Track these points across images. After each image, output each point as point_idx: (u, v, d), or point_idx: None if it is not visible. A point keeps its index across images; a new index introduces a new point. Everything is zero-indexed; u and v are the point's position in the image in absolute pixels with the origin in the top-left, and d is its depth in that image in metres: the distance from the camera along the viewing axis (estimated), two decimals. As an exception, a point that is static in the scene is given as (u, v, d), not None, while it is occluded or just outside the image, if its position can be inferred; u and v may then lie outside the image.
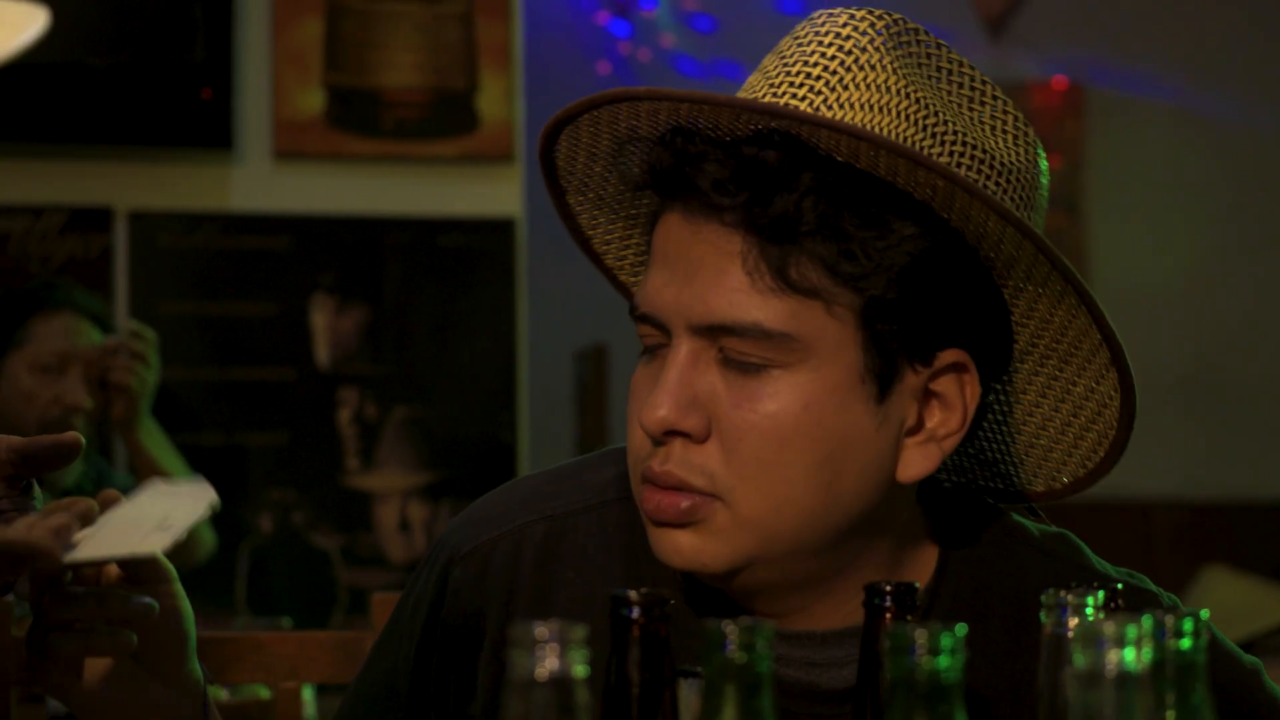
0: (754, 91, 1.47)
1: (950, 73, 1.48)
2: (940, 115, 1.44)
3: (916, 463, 1.45)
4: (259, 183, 4.41)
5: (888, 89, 1.43)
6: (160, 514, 1.38)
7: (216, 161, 4.38)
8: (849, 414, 1.42)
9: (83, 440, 1.41)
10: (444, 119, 4.49)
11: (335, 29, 4.44)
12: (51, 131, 4.22)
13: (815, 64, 1.44)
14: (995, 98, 1.49)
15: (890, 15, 1.48)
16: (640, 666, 1.14)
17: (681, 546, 1.43)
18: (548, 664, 0.94)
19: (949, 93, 1.47)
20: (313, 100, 4.42)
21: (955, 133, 1.44)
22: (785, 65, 1.46)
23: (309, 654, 2.15)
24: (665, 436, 1.42)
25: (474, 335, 4.49)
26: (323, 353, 4.42)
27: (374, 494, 4.42)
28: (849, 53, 1.44)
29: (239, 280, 4.39)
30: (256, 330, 4.38)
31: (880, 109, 1.42)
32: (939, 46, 1.49)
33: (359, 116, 4.46)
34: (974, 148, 1.45)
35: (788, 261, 1.39)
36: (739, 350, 1.41)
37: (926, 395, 1.45)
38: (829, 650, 1.47)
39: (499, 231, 4.51)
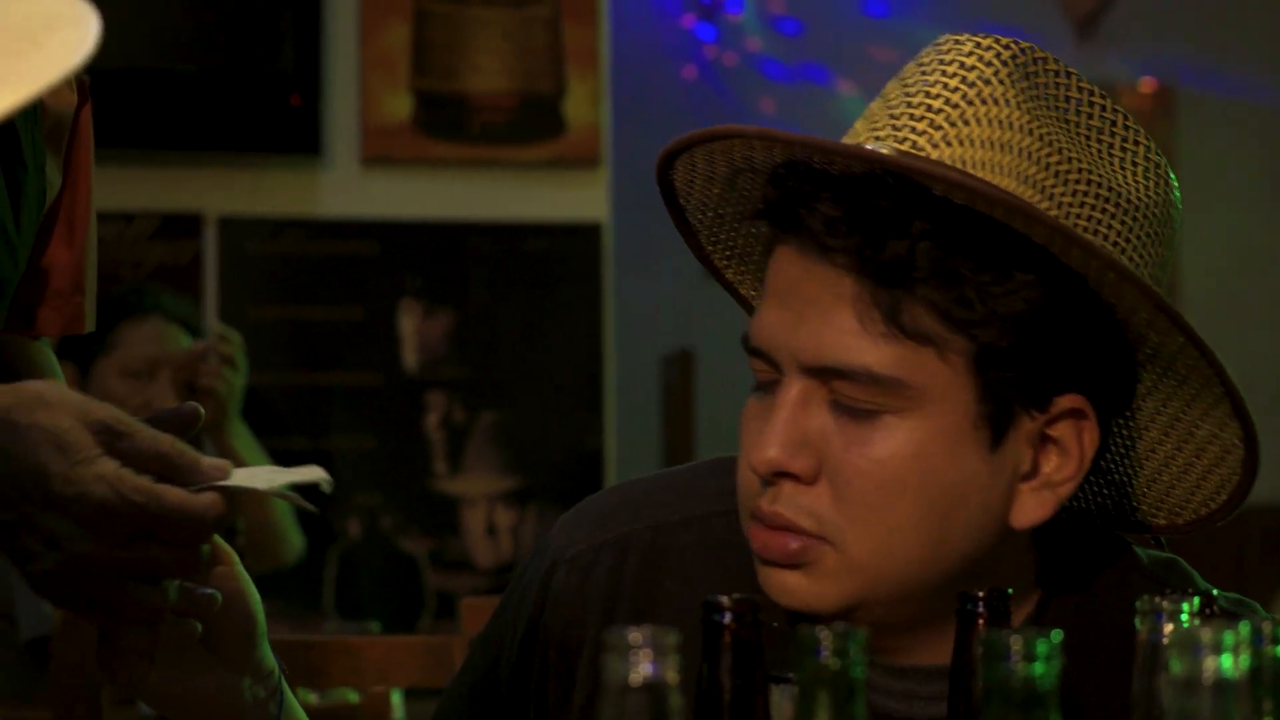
0: (873, 121, 1.44)
1: (1079, 103, 1.44)
2: (1065, 152, 1.41)
3: (1031, 510, 1.42)
4: (347, 188, 4.43)
5: (1011, 124, 1.40)
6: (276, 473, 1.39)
7: (305, 167, 4.40)
8: (961, 460, 1.40)
9: (200, 410, 1.40)
10: (530, 123, 4.50)
11: (422, 34, 4.45)
12: (142, 138, 4.25)
13: (937, 95, 1.41)
14: (1126, 128, 1.45)
15: (1018, 44, 1.44)
16: (732, 672, 1.14)
17: (790, 587, 1.42)
18: (641, 669, 0.94)
19: (1076, 125, 1.44)
20: (400, 105, 4.44)
21: (1080, 170, 1.41)
22: (907, 95, 1.43)
23: (397, 658, 2.16)
24: (774, 477, 1.40)
25: (560, 340, 4.49)
26: (410, 357, 4.44)
27: (461, 498, 4.43)
28: (972, 84, 1.41)
29: (327, 285, 4.41)
30: (344, 335, 4.40)
31: (1002, 146, 1.39)
32: (1068, 75, 1.45)
33: (446, 121, 4.47)
34: (1099, 185, 1.41)
35: (900, 306, 1.37)
36: (850, 394, 1.39)
37: (1043, 440, 1.42)
38: (932, 684, 1.46)
39: (585, 236, 4.51)
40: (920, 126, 1.40)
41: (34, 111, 1.52)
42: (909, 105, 1.42)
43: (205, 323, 4.15)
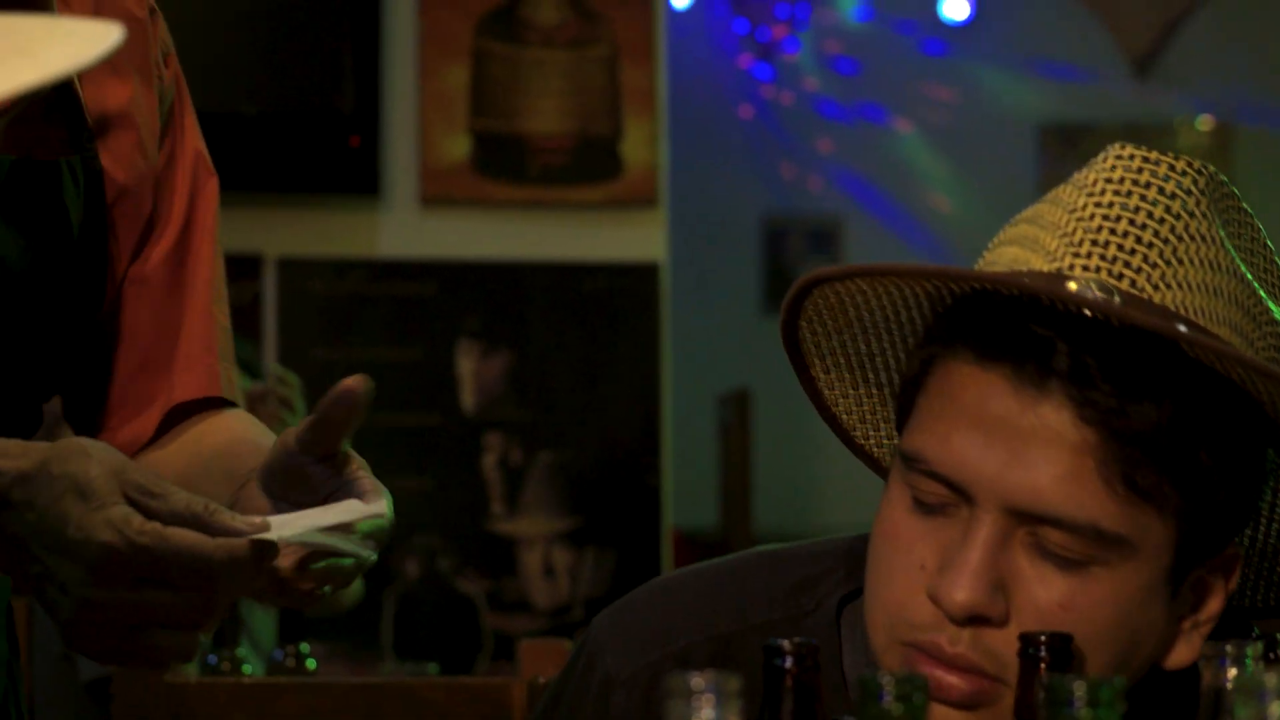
0: (1069, 238, 1.34)
1: (1257, 240, 1.39)
2: (1257, 294, 1.35)
3: (1182, 652, 1.39)
4: (406, 229, 4.45)
5: (1219, 267, 1.33)
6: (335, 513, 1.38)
7: (364, 208, 4.42)
8: (1150, 612, 1.36)
9: (365, 381, 1.38)
10: (588, 164, 4.51)
11: (481, 76, 4.47)
12: (202, 180, 4.27)
13: (1144, 225, 1.33)
14: None
15: (1208, 169, 1.36)
16: (793, 716, 1.13)
17: None
18: (703, 714, 0.94)
19: (1254, 264, 1.37)
20: (459, 146, 4.46)
21: (1271, 319, 1.36)
22: (1107, 218, 1.33)
23: (455, 701, 2.15)
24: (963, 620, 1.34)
25: (618, 379, 4.50)
26: (468, 398, 4.45)
27: (519, 539, 4.43)
28: (1178, 217, 1.33)
29: (385, 326, 4.42)
30: (403, 375, 4.42)
31: (1214, 292, 1.33)
32: (1248, 212, 1.39)
33: (505, 162, 4.49)
34: None
35: (1138, 467, 1.31)
36: (1059, 543, 1.32)
37: (1198, 583, 1.39)
38: None
39: (642, 276, 4.52)
40: (1135, 262, 1.32)
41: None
42: (1114, 233, 1.33)
43: (264, 364, 4.17)
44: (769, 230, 7.41)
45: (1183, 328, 1.29)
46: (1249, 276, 1.34)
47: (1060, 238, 1.34)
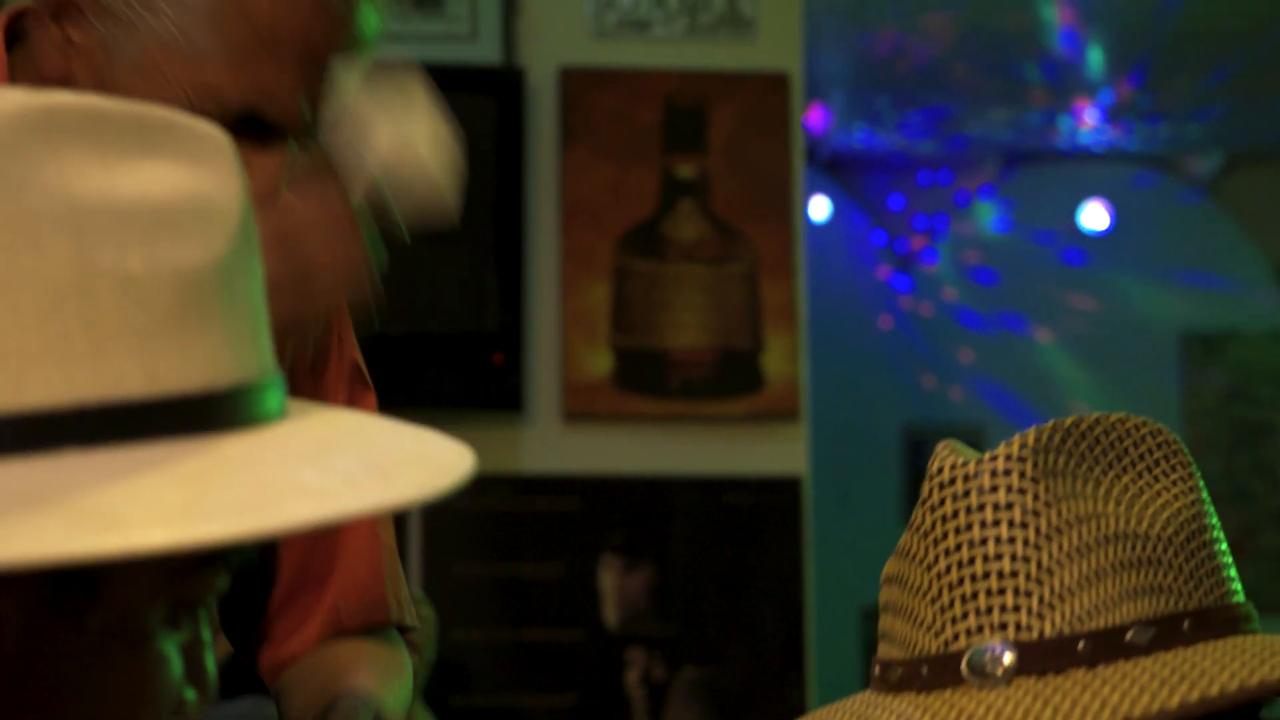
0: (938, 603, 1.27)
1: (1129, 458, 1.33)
2: (1141, 532, 1.28)
3: None
4: (548, 444, 4.47)
5: (1093, 542, 1.26)
6: None
7: (507, 424, 4.45)
8: None
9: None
10: (729, 378, 4.53)
11: (622, 292, 4.52)
12: (348, 397, 4.32)
13: (999, 556, 1.26)
14: None
15: (1040, 433, 1.28)
16: None
17: None
18: None
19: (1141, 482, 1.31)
20: (601, 362, 4.49)
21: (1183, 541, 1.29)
22: (963, 566, 1.26)
23: None
24: None
25: (761, 594, 4.47)
26: (611, 613, 4.44)
27: (663, 755, 4.40)
28: (1024, 524, 1.25)
29: (529, 541, 4.44)
30: (546, 591, 4.42)
31: (1097, 574, 1.26)
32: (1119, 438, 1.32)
33: (646, 377, 4.51)
34: None
35: None
36: None
37: None
38: None
39: (784, 489, 4.51)
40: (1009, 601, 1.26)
41: None
42: (974, 579, 1.27)
43: (412, 582, 4.18)
44: (910, 441, 7.38)
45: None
46: (1126, 519, 1.25)
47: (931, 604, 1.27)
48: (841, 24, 6.07)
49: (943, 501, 1.26)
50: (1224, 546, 1.29)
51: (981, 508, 1.25)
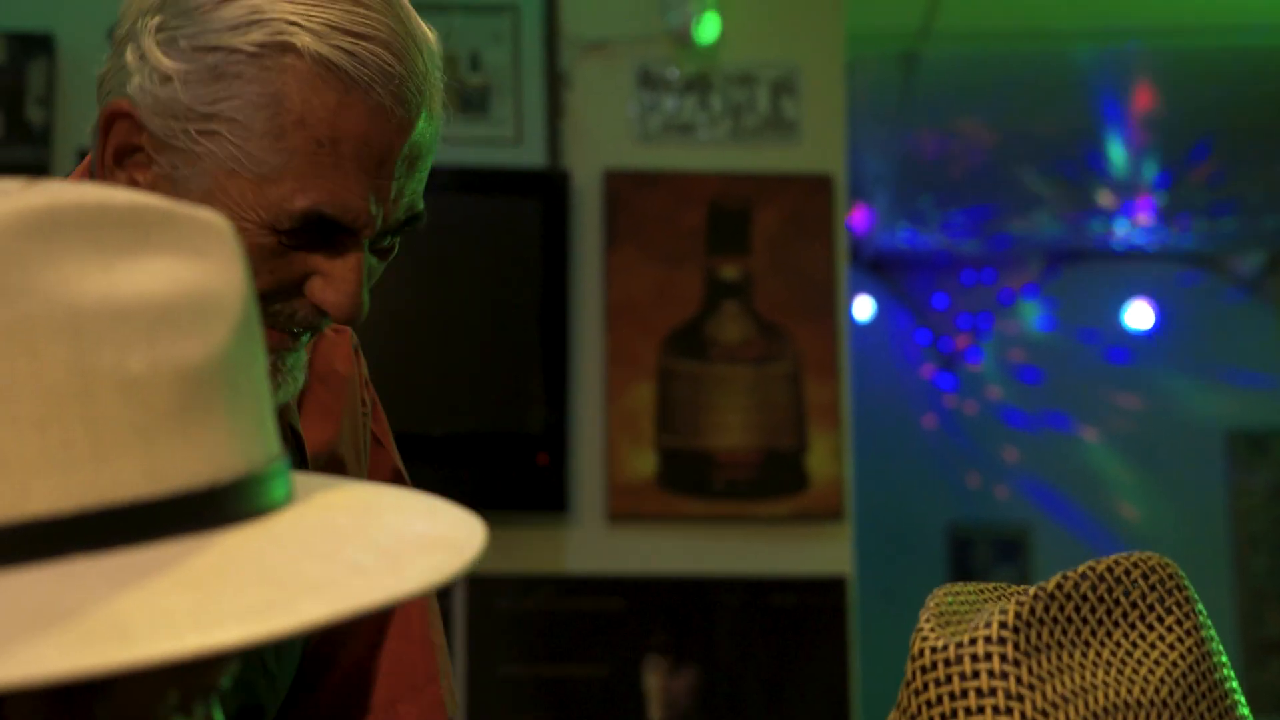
0: None
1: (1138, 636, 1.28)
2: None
3: None
4: (593, 545, 4.48)
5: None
6: None
7: (552, 524, 4.46)
8: None
9: None
10: (774, 479, 4.53)
11: (667, 393, 4.53)
12: (394, 498, 4.33)
13: None
14: None
15: (1030, 601, 1.22)
16: None
17: None
18: None
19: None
20: (645, 463, 4.50)
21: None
22: None
23: None
24: None
25: (807, 695, 4.46)
26: (656, 714, 4.43)
27: None
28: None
29: (573, 642, 4.43)
30: (591, 692, 4.41)
31: None
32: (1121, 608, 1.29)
33: (691, 478, 4.52)
34: None
35: None
36: None
37: None
38: None
39: (830, 590, 4.50)
40: None
41: None
42: None
43: (457, 683, 4.18)
44: (955, 540, 7.37)
45: None
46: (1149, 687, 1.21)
47: None
48: (884, 126, 6.10)
49: (925, 687, 1.22)
50: (1232, 685, 1.24)
51: (965, 694, 1.20)
